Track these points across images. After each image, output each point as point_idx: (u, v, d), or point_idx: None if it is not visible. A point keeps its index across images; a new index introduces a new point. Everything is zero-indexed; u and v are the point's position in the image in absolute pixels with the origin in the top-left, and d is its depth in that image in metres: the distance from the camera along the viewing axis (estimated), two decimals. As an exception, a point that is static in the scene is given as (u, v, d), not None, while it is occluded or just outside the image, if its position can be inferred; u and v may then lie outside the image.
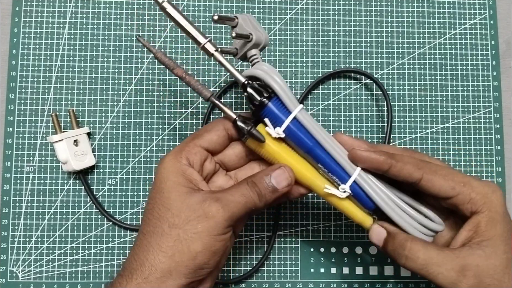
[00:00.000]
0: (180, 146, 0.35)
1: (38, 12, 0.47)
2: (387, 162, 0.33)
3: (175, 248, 0.32)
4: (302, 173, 0.35)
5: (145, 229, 0.33)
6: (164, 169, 0.34)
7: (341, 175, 0.35)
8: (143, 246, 0.32)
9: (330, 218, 0.47)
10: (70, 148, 0.44)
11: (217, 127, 0.35)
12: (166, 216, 0.32)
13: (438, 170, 0.34)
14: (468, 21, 0.50)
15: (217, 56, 0.34)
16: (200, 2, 0.49)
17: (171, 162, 0.34)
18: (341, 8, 0.50)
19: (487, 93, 0.49)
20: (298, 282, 0.46)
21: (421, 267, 0.32)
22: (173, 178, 0.33)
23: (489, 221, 0.33)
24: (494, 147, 0.49)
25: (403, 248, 0.33)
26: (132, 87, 0.47)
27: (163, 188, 0.33)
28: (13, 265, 0.45)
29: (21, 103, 0.46)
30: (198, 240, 0.32)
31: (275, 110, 0.34)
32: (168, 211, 0.32)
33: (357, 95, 0.49)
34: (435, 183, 0.33)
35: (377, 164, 0.34)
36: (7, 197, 0.45)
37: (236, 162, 0.37)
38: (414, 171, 0.33)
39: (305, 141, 0.34)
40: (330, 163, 0.35)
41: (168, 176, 0.33)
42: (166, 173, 0.33)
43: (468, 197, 0.33)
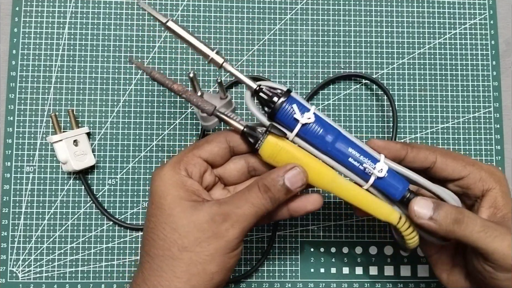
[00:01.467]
0: (178, 157, 0.33)
1: (38, 12, 0.47)
2: (404, 148, 0.35)
3: (190, 272, 0.31)
4: (324, 172, 0.34)
5: (152, 252, 0.31)
6: (162, 181, 0.32)
7: (372, 157, 0.34)
8: (154, 271, 0.31)
9: (330, 218, 0.47)
10: (70, 148, 0.44)
11: (218, 139, 0.34)
12: (173, 237, 0.31)
13: (448, 152, 0.35)
14: (468, 21, 0.50)
15: (226, 66, 0.34)
16: (200, 2, 0.49)
17: (169, 174, 0.32)
18: (341, 8, 0.50)
19: (487, 93, 0.49)
20: (298, 282, 0.46)
21: (479, 229, 0.31)
22: (173, 192, 0.31)
23: (504, 195, 0.34)
24: (494, 147, 0.49)
25: (461, 213, 0.32)
26: (132, 87, 0.47)
27: (163, 204, 0.31)
28: (13, 265, 0.45)
29: (21, 103, 0.46)
30: (212, 261, 0.31)
31: (299, 99, 0.34)
32: (174, 231, 0.31)
33: (357, 94, 0.49)
34: (448, 164, 0.35)
35: (395, 150, 0.35)
36: (7, 197, 0.45)
37: (236, 178, 0.35)
38: (429, 154, 0.35)
39: (333, 128, 0.34)
40: (359, 147, 0.34)
41: (167, 190, 0.31)
42: (164, 187, 0.32)
43: (478, 176, 0.35)
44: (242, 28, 0.49)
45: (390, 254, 0.47)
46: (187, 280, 0.30)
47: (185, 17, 0.48)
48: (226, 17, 0.49)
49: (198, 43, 0.34)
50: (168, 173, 0.32)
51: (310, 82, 0.48)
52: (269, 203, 0.32)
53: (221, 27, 0.48)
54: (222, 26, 0.49)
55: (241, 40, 0.49)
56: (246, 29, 0.49)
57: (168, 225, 0.31)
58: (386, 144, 0.35)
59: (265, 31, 0.49)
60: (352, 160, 0.34)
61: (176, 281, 0.30)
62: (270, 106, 0.33)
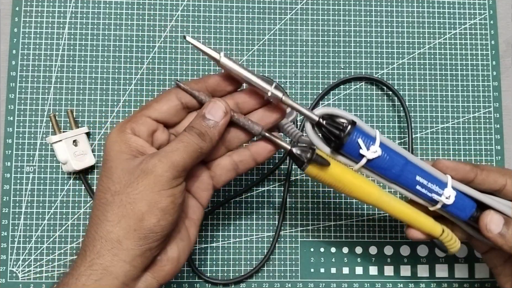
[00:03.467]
0: (127, 118, 0.33)
1: (38, 12, 0.47)
2: (473, 171, 0.35)
3: (120, 214, 0.30)
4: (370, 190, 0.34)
5: (93, 204, 0.32)
6: (109, 140, 0.32)
7: (440, 183, 0.34)
8: (92, 221, 0.31)
9: (330, 218, 0.47)
10: (69, 148, 0.44)
11: (167, 96, 0.34)
12: (108, 185, 0.31)
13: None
14: (468, 21, 0.50)
15: (286, 100, 0.33)
16: (200, 2, 0.49)
17: (115, 133, 0.32)
18: (341, 8, 0.50)
19: (487, 93, 0.49)
20: (298, 282, 0.46)
21: None
22: (116, 147, 0.32)
23: None
24: (494, 147, 0.49)
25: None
26: (132, 87, 0.47)
27: (107, 159, 0.32)
28: (13, 265, 0.45)
29: (21, 103, 0.46)
30: (141, 200, 0.30)
31: (364, 131, 0.33)
32: (109, 180, 0.31)
33: (357, 94, 0.49)
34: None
35: (464, 172, 0.35)
36: (7, 197, 0.45)
37: None
38: (499, 177, 0.35)
39: (400, 156, 0.34)
40: (426, 173, 0.34)
41: (111, 147, 0.32)
42: (109, 145, 0.32)
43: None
44: (242, 28, 0.49)
45: (390, 254, 0.47)
46: (118, 222, 0.30)
47: (185, 17, 0.48)
48: (226, 17, 0.49)
49: (255, 78, 0.33)
50: (115, 132, 0.33)
51: (310, 83, 0.48)
52: (197, 138, 0.32)
53: (221, 27, 0.48)
54: (222, 26, 0.49)
55: (241, 40, 0.49)
56: (246, 29, 0.49)
57: (106, 176, 0.31)
58: (455, 166, 0.35)
59: (265, 31, 0.49)
60: (419, 188, 0.34)
61: (108, 225, 0.30)
62: (334, 140, 0.33)
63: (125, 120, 0.33)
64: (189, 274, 0.46)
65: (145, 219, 0.30)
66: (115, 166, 0.31)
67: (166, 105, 0.34)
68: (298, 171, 0.47)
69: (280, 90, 0.33)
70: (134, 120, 0.33)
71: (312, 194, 0.47)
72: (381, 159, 0.33)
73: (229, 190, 0.47)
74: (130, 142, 0.32)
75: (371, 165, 0.34)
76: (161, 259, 0.32)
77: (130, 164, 0.31)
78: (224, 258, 0.46)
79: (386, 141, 0.34)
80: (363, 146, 0.33)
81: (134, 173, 0.31)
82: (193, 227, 0.35)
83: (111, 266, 0.30)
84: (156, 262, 0.32)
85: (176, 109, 0.34)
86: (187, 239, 0.34)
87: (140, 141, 0.32)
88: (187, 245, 0.34)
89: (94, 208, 0.32)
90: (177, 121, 0.35)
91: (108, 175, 0.31)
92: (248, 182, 0.47)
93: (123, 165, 0.31)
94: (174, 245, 0.33)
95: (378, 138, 0.33)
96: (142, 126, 0.33)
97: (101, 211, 0.31)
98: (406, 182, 0.34)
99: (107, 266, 0.30)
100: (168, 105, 0.34)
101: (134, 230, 0.30)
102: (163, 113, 0.33)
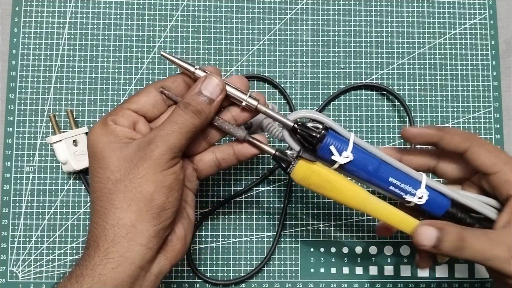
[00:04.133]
0: (108, 113, 0.33)
1: (38, 12, 0.47)
2: (438, 134, 0.36)
3: (128, 199, 0.30)
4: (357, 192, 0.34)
5: (93, 196, 0.32)
6: (93, 135, 0.32)
7: (414, 183, 0.35)
8: (97, 212, 0.31)
9: (330, 218, 0.47)
10: (69, 149, 0.44)
11: (147, 89, 0.34)
12: (106, 175, 0.31)
13: (485, 144, 0.36)
14: (468, 21, 0.50)
15: (260, 108, 0.34)
16: (200, 2, 0.49)
17: (98, 127, 0.32)
18: (341, 8, 0.50)
19: (487, 93, 0.49)
20: (298, 282, 0.46)
21: (479, 254, 0.33)
22: (103, 139, 0.32)
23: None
24: (494, 147, 0.49)
25: (461, 239, 0.33)
26: (132, 87, 0.47)
27: (96, 152, 0.32)
28: (13, 265, 0.45)
29: (21, 103, 0.46)
30: (146, 182, 0.30)
31: (338, 135, 0.34)
32: (106, 170, 0.31)
33: (357, 95, 0.49)
34: (480, 156, 0.35)
35: (429, 137, 0.36)
36: (7, 197, 0.45)
37: None
38: (463, 141, 0.35)
39: (373, 159, 0.35)
40: (400, 174, 0.35)
41: (98, 139, 0.32)
42: (95, 139, 0.32)
43: (506, 177, 0.34)
44: (242, 28, 0.49)
45: (390, 254, 0.47)
46: (128, 207, 0.30)
47: (185, 17, 0.48)
48: (226, 17, 0.49)
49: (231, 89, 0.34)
50: (98, 127, 0.32)
51: (310, 83, 0.48)
52: (194, 117, 0.32)
53: (221, 27, 0.48)
54: (222, 26, 0.49)
55: (241, 40, 0.49)
56: (246, 29, 0.49)
57: (101, 167, 0.31)
58: (420, 131, 0.36)
59: (265, 31, 0.49)
60: (393, 188, 0.35)
61: (117, 212, 0.30)
62: (308, 146, 0.34)
63: (105, 116, 0.33)
64: (189, 274, 0.46)
65: (154, 198, 0.30)
66: (109, 156, 0.31)
67: (144, 97, 0.34)
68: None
69: (254, 99, 0.34)
70: (114, 113, 0.33)
71: (312, 194, 0.47)
72: (353, 162, 0.34)
73: (229, 190, 0.47)
74: (116, 132, 0.32)
75: (345, 167, 0.34)
76: (172, 239, 0.33)
77: (124, 151, 0.31)
78: (224, 258, 0.46)
79: (362, 143, 0.35)
80: (335, 152, 0.34)
81: (133, 160, 0.31)
82: (190, 208, 0.35)
83: (127, 252, 0.30)
84: (167, 242, 0.33)
85: (155, 100, 0.34)
86: (188, 218, 0.35)
87: (125, 130, 0.32)
88: (189, 224, 0.35)
89: (96, 200, 0.31)
90: (157, 114, 0.34)
91: (103, 165, 0.31)
92: (248, 182, 0.47)
93: (117, 153, 0.31)
94: (180, 224, 0.34)
95: (351, 143, 0.34)
96: (123, 118, 0.33)
97: (105, 201, 0.31)
98: (379, 183, 0.35)
99: (123, 252, 0.30)
100: (146, 97, 0.34)
101: (146, 211, 0.30)
102: (142, 104, 0.33)
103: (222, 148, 0.35)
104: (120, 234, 0.30)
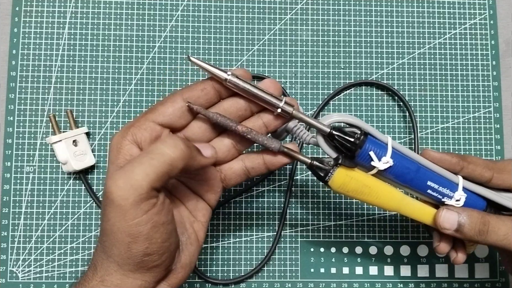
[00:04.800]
0: (131, 122, 0.31)
1: (38, 12, 0.47)
2: (460, 164, 0.35)
3: (110, 242, 0.28)
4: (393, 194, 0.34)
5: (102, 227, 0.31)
6: (111, 146, 0.31)
7: (451, 185, 0.35)
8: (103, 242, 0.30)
9: (330, 218, 0.47)
10: (69, 149, 0.44)
11: (172, 98, 0.32)
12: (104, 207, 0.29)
13: (506, 167, 0.36)
14: (468, 21, 0.50)
15: (296, 114, 0.32)
16: (200, 2, 0.49)
17: (116, 139, 0.31)
18: (341, 8, 0.50)
19: (487, 93, 0.49)
20: (298, 282, 0.46)
21: (503, 238, 0.33)
22: (111, 156, 0.30)
23: None
24: (494, 147, 0.49)
25: (485, 223, 0.34)
26: (132, 87, 0.47)
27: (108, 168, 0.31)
28: (13, 265, 0.45)
29: (21, 103, 0.46)
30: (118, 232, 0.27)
31: (376, 140, 0.33)
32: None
33: (356, 94, 0.49)
34: (505, 180, 0.36)
35: (449, 164, 0.35)
36: (7, 197, 0.45)
37: (201, 135, 0.33)
38: (485, 171, 0.36)
39: (412, 163, 0.34)
40: (437, 177, 0.35)
41: (110, 151, 0.31)
42: (110, 148, 0.31)
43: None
44: (242, 28, 0.49)
45: (390, 254, 0.47)
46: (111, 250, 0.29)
47: (185, 17, 0.48)
48: (226, 17, 0.49)
49: (265, 95, 0.32)
50: (116, 138, 0.31)
51: (310, 83, 0.48)
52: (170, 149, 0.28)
53: (221, 27, 0.48)
54: (222, 26, 0.48)
55: (241, 40, 0.49)
56: (246, 29, 0.49)
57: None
58: (441, 157, 0.35)
59: (265, 31, 0.49)
60: (431, 192, 0.35)
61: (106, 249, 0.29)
62: (346, 152, 0.33)
63: (129, 123, 0.32)
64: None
65: (132, 248, 0.28)
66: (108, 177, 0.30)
67: (171, 108, 0.31)
68: (299, 171, 0.47)
69: (290, 105, 0.32)
70: (138, 125, 0.31)
71: (312, 194, 0.47)
72: (393, 168, 0.33)
73: (229, 190, 0.47)
74: (123, 151, 0.30)
75: (384, 173, 0.34)
76: (176, 268, 0.32)
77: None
78: (224, 258, 0.46)
79: (398, 147, 0.34)
80: (375, 158, 0.33)
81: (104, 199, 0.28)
82: (202, 230, 0.34)
83: (122, 284, 0.29)
84: (170, 271, 0.31)
85: (182, 111, 0.32)
86: (196, 243, 0.33)
87: (134, 150, 0.30)
88: (196, 249, 0.33)
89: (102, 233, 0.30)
90: (184, 124, 0.32)
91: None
92: (248, 182, 0.47)
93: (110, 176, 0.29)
94: (186, 251, 0.32)
95: (390, 148, 0.33)
96: (145, 131, 0.31)
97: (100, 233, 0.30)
98: (418, 187, 0.35)
99: (118, 283, 0.29)
100: (173, 107, 0.31)
101: (128, 258, 0.28)
102: (168, 116, 0.31)
103: (251, 157, 0.34)
104: (112, 268, 0.29)
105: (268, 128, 0.33)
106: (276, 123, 0.33)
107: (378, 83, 0.48)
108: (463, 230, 0.34)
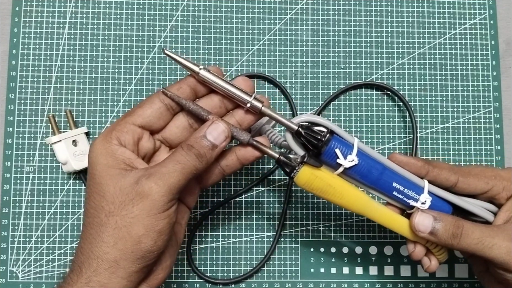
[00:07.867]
0: (111, 126, 0.32)
1: (38, 12, 0.47)
2: (425, 168, 0.36)
3: (116, 236, 0.30)
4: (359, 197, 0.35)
5: (86, 221, 0.32)
6: (93, 152, 0.31)
7: (416, 188, 0.35)
8: (87, 239, 0.31)
9: (330, 218, 0.47)
10: (69, 149, 0.44)
11: (150, 100, 0.33)
12: (101, 204, 0.31)
13: (471, 171, 0.36)
14: (468, 21, 0.50)
15: (265, 110, 0.34)
16: (200, 2, 0.49)
17: (100, 144, 0.31)
18: (341, 8, 0.50)
19: (487, 93, 0.49)
20: (298, 282, 0.46)
21: (476, 241, 0.34)
22: (102, 161, 0.31)
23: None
24: (494, 147, 0.49)
25: (458, 226, 0.34)
26: (132, 87, 0.47)
27: (95, 174, 0.31)
28: (13, 265, 0.45)
29: (21, 103, 0.46)
30: (136, 223, 0.30)
31: (343, 139, 0.34)
32: (102, 198, 0.31)
33: (357, 95, 0.49)
34: (470, 184, 0.36)
35: (415, 168, 0.36)
36: (7, 197, 0.45)
37: (179, 135, 0.34)
38: (450, 175, 0.36)
39: (377, 164, 0.35)
40: (403, 180, 0.35)
41: (97, 160, 0.31)
42: (95, 157, 0.31)
43: (501, 187, 0.36)
44: (242, 28, 0.49)
45: (390, 254, 0.47)
46: (114, 244, 0.30)
47: (185, 17, 0.48)
48: (226, 17, 0.49)
49: (235, 90, 0.33)
50: (99, 143, 0.32)
51: (310, 83, 0.48)
52: (195, 159, 0.31)
53: (221, 27, 0.48)
54: (222, 26, 0.49)
55: (241, 40, 0.49)
56: (246, 29, 0.49)
57: (98, 193, 0.31)
58: (407, 161, 0.36)
59: (265, 31, 0.49)
60: (396, 193, 0.35)
61: (104, 245, 0.30)
62: (312, 149, 0.34)
63: (109, 128, 0.32)
64: (189, 274, 0.46)
65: (142, 242, 0.30)
66: (106, 183, 0.31)
67: (149, 109, 0.33)
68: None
69: (259, 101, 0.33)
70: (119, 129, 0.32)
71: (312, 194, 0.47)
72: (358, 166, 0.34)
73: (229, 190, 0.47)
74: (116, 155, 0.31)
75: (349, 172, 0.34)
76: (156, 269, 0.33)
77: (122, 181, 0.31)
78: (224, 258, 0.46)
79: (365, 148, 0.35)
80: (340, 156, 0.34)
81: (129, 194, 0.30)
82: (181, 231, 0.35)
83: (108, 283, 0.30)
84: (150, 272, 0.33)
85: (160, 112, 0.33)
86: (176, 244, 0.35)
87: (127, 153, 0.32)
88: (175, 250, 0.35)
89: (87, 226, 0.31)
90: (162, 125, 0.34)
91: (100, 192, 0.31)
92: (248, 182, 0.47)
93: (115, 181, 0.31)
94: (167, 253, 0.33)
95: (356, 147, 0.34)
96: (127, 134, 0.32)
97: (95, 231, 0.31)
98: (384, 188, 0.35)
99: (104, 283, 0.30)
100: (151, 109, 0.33)
101: (132, 252, 0.30)
102: (147, 117, 0.33)
103: (225, 156, 0.35)
104: (103, 266, 0.30)
105: (241, 126, 0.34)
106: (248, 120, 0.34)
107: (377, 84, 0.48)
108: (437, 233, 0.34)
